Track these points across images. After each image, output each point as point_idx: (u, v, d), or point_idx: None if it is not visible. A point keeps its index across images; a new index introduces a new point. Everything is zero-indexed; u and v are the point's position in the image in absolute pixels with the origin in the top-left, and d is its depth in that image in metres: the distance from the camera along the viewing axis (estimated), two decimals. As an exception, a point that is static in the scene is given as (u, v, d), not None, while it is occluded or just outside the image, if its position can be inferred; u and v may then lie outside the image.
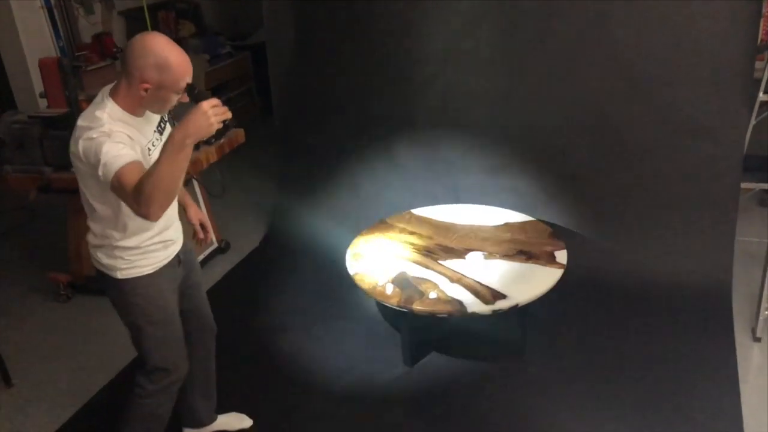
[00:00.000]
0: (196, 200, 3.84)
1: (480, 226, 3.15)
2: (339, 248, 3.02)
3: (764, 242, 3.47)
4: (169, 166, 1.74)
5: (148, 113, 2.00)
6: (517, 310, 2.86)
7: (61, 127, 3.30)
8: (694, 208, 3.38)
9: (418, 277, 2.79)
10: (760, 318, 2.90)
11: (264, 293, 3.67)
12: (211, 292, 3.62)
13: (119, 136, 1.84)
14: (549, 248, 2.91)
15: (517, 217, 3.22)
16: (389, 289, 2.72)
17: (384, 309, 2.67)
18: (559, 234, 3.01)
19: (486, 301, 2.59)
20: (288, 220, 4.26)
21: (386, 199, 3.91)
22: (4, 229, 4.65)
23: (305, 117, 4.29)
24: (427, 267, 2.85)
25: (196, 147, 3.54)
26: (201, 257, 3.87)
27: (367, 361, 3.02)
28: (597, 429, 2.53)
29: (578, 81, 3.49)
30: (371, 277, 2.82)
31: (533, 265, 2.80)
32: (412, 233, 3.14)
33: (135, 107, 1.93)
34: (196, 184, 3.77)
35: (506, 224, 3.15)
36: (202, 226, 2.44)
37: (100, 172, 1.81)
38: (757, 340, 2.92)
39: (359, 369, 2.97)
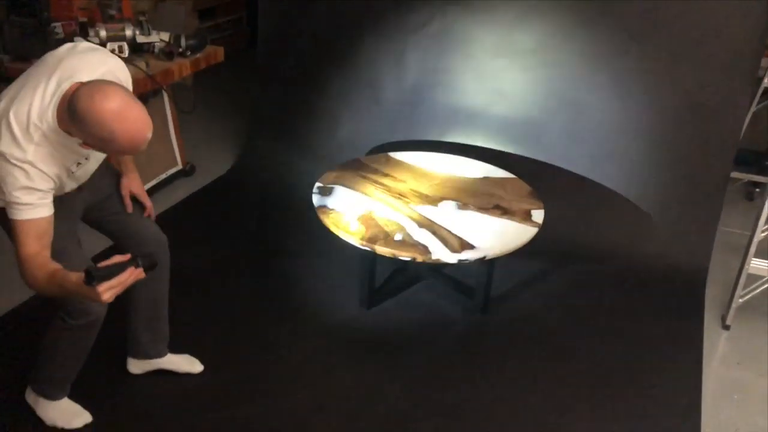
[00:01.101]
0: (164, 114, 3.63)
1: (458, 177, 2.98)
2: (310, 184, 2.84)
3: (746, 234, 3.35)
4: (51, 289, 1.64)
5: None
6: (485, 265, 2.74)
7: (23, 13, 3.03)
8: (681, 188, 3.25)
9: (385, 218, 2.63)
10: (733, 306, 2.79)
11: (224, 222, 3.49)
12: (165, 215, 3.47)
13: (37, 179, 1.63)
14: (526, 206, 2.76)
15: (498, 172, 3.06)
16: (353, 226, 2.56)
17: (347, 248, 2.54)
18: (538, 194, 2.86)
19: (453, 250, 2.44)
20: (260, 151, 4.06)
21: (364, 139, 3.73)
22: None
23: (289, 49, 4.06)
24: (396, 210, 2.69)
25: (170, 58, 3.35)
26: (162, 176, 3.67)
27: (323, 300, 2.89)
28: (550, 395, 2.42)
29: (581, 43, 3.32)
30: (336, 213, 2.65)
31: (508, 220, 2.65)
32: (386, 175, 2.97)
33: (71, 133, 1.67)
34: (165, 96, 3.54)
35: (486, 178, 2.99)
36: (136, 199, 2.15)
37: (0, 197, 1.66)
38: (726, 327, 2.82)
39: (313, 307, 2.83)
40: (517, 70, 3.48)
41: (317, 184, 2.85)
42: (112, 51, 3.06)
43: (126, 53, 3.12)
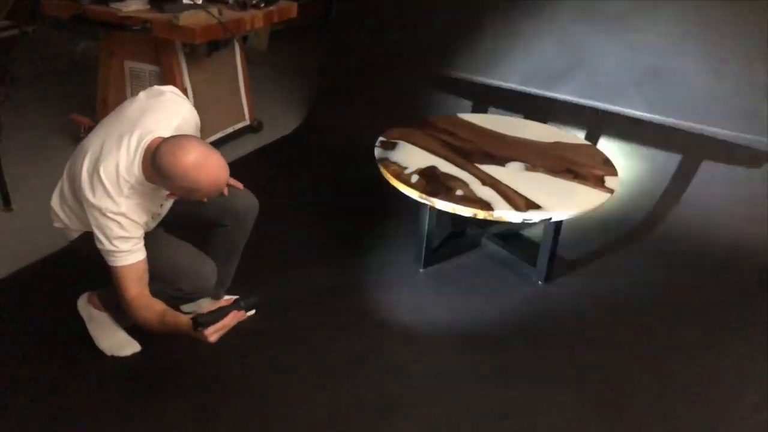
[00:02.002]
0: (234, 65, 3.63)
1: (529, 140, 2.84)
2: (375, 145, 2.76)
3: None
4: (163, 330, 1.80)
5: None
6: (550, 228, 2.59)
7: (103, -44, 3.09)
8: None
9: (448, 174, 2.52)
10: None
11: (286, 177, 3.47)
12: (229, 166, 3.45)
13: (130, 228, 1.78)
14: (600, 172, 2.59)
15: (572, 138, 2.90)
16: (413, 180, 2.47)
17: (408, 208, 2.45)
18: (614, 162, 2.68)
19: (517, 208, 2.31)
20: (327, 112, 4.01)
21: (435, 101, 3.62)
22: (44, 72, 4.56)
23: (363, 12, 4.01)
24: (460, 167, 2.58)
25: (243, 8, 3.33)
26: (229, 130, 3.68)
27: (377, 255, 2.82)
28: (610, 371, 2.27)
29: (672, 10, 3.12)
30: (397, 166, 2.56)
31: (578, 184, 2.50)
32: (452, 134, 2.86)
33: (157, 185, 1.81)
34: (236, 47, 3.54)
35: (558, 143, 2.83)
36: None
37: (98, 246, 1.79)
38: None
39: (366, 261, 2.77)
40: (600, 35, 3.29)
41: (380, 139, 2.78)
42: (187, -4, 3.08)
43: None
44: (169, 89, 1.95)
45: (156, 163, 1.70)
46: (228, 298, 1.76)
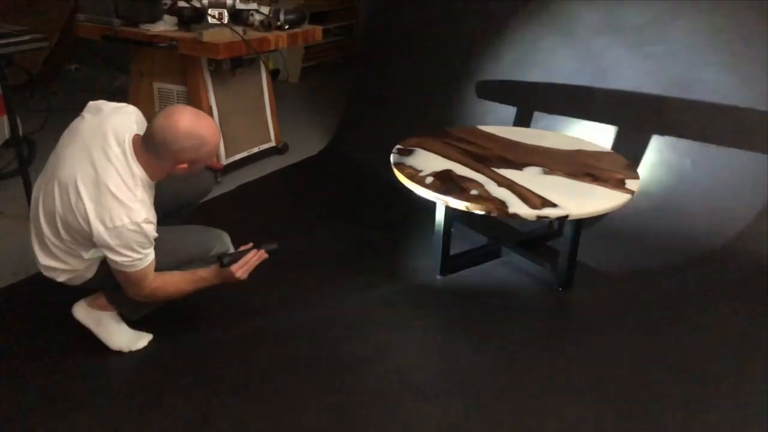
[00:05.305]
0: (260, 85, 3.70)
1: (549, 148, 2.80)
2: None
3: None
4: (186, 288, 1.97)
5: None
6: (569, 234, 2.52)
7: (135, -21, 3.23)
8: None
9: (463, 176, 2.49)
10: None
11: (308, 194, 3.49)
12: (253, 183, 3.49)
13: (151, 229, 1.81)
14: (620, 176, 2.53)
15: (593, 146, 2.84)
16: (428, 180, 2.44)
17: (428, 220, 2.41)
18: (635, 167, 2.62)
19: (533, 207, 2.26)
20: (354, 135, 4.05)
21: (459, 121, 3.62)
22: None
23: (388, 36, 4.09)
24: (476, 171, 2.54)
25: (268, 30, 3.42)
26: (255, 150, 3.72)
27: (396, 262, 2.78)
28: (632, 378, 2.15)
29: (695, 19, 3.08)
30: (413, 169, 2.54)
31: (598, 186, 2.43)
32: (470, 143, 2.84)
33: (159, 176, 1.88)
34: (262, 67, 3.61)
35: (579, 151, 2.78)
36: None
37: (123, 261, 1.81)
38: None
39: (383, 271, 2.73)
40: (622, 48, 3.26)
41: (397, 146, 2.77)
42: (212, 17, 3.17)
43: (225, 19, 3.22)
44: (103, 102, 1.98)
45: (155, 143, 1.73)
46: (246, 246, 1.97)
